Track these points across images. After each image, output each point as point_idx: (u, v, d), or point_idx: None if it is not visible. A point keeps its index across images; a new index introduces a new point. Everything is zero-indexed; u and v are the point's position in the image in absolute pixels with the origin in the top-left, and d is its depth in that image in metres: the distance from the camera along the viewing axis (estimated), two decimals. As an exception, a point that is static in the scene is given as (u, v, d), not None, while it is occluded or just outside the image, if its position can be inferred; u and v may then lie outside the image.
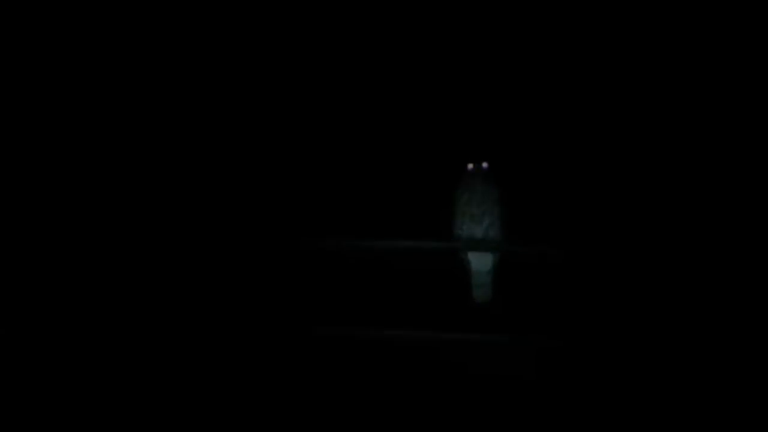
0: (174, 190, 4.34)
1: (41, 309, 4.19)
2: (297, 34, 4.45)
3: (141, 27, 4.41)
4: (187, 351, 4.14)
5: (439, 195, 4.17)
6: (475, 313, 4.19)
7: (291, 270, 4.27)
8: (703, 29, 4.33)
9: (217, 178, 4.38)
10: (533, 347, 4.18)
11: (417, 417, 4.16)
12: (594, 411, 4.09)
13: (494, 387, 4.21)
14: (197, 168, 4.38)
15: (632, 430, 4.03)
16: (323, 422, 4.14)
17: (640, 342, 4.11)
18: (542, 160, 4.35)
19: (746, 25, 4.30)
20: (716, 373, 4.02)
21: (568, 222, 4.26)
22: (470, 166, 4.13)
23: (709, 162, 4.28)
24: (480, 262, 4.17)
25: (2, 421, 4.00)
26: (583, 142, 4.35)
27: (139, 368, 4.13)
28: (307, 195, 4.39)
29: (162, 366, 4.13)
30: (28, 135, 4.34)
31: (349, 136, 4.43)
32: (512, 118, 4.37)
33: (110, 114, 4.38)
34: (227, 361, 4.15)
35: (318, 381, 4.17)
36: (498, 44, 4.42)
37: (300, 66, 4.45)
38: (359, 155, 4.41)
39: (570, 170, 4.34)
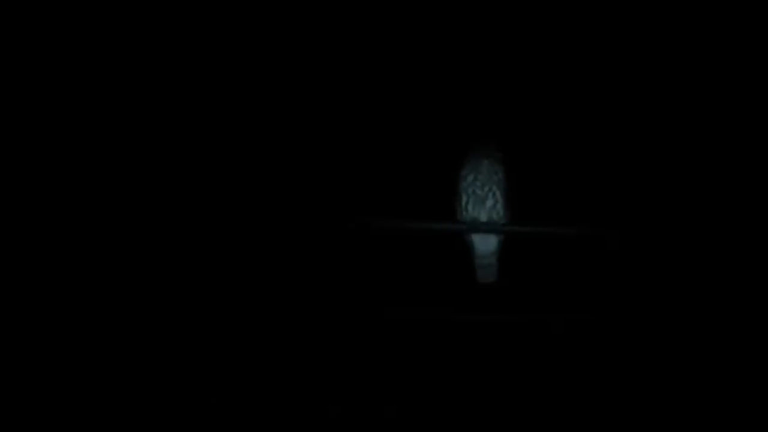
0: (177, 185, 4.31)
1: (41, 309, 4.19)
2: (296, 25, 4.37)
3: (141, 27, 4.32)
4: (192, 347, 4.15)
5: (444, 175, 4.12)
6: (479, 294, 4.18)
7: (294, 252, 4.26)
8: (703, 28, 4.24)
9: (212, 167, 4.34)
10: (540, 327, 4.19)
11: (426, 395, 4.21)
12: (599, 394, 4.13)
13: (499, 367, 4.24)
14: (200, 157, 4.33)
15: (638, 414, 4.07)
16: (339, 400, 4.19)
17: (648, 325, 4.12)
18: (546, 140, 4.29)
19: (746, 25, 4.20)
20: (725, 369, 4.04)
21: (573, 202, 4.23)
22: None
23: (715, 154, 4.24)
24: (484, 243, 4.14)
25: (2, 422, 4.03)
26: (586, 124, 4.29)
27: (139, 368, 4.15)
28: (311, 177, 4.35)
29: (162, 365, 4.15)
30: (28, 135, 4.29)
31: (352, 116, 4.37)
32: (516, 100, 4.31)
33: (111, 114, 4.32)
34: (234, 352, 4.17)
35: (330, 362, 4.21)
36: (501, 27, 4.33)
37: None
38: (363, 137, 4.36)
39: (574, 151, 4.29)
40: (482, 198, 4.03)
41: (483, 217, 4.03)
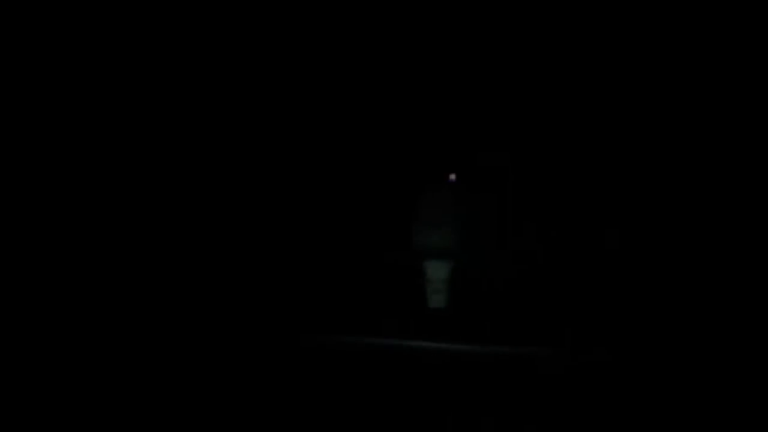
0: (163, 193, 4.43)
1: (41, 309, 4.27)
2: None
3: (141, 27, 4.48)
4: (190, 351, 4.21)
5: (399, 204, 4.23)
6: (430, 320, 4.27)
7: (252, 278, 4.35)
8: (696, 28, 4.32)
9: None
10: (489, 354, 4.23)
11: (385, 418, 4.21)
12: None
13: (453, 392, 4.26)
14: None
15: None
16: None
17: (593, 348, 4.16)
18: (501, 169, 4.37)
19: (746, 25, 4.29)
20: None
21: (525, 232, 4.31)
22: (452, 176, 4.19)
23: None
24: (436, 269, 4.25)
25: (2, 422, 4.02)
26: (541, 155, 4.37)
27: (139, 368, 4.18)
28: (263, 205, 4.45)
29: (162, 366, 4.19)
30: (28, 135, 4.43)
31: (310, 142, 4.48)
32: (475, 132, 4.41)
33: (114, 118, 4.47)
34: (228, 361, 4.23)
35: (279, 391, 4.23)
36: (459, 66, 4.45)
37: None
38: (320, 164, 4.48)
39: (528, 180, 4.37)
40: (437, 225, 4.16)
41: (436, 244, 4.16)
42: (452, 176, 4.22)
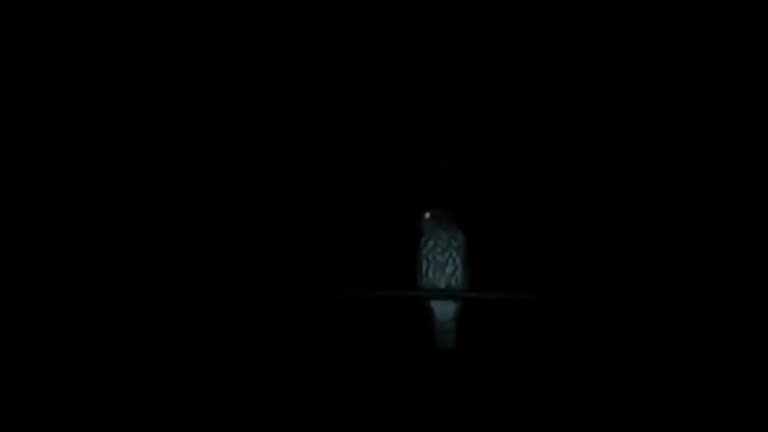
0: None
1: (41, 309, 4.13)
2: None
3: (141, 27, 4.30)
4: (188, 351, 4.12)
5: (402, 243, 4.10)
6: (440, 362, 4.15)
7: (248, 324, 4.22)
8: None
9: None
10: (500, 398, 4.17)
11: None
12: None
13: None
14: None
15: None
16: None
17: (620, 394, 4.11)
18: (505, 205, 4.29)
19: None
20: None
21: (534, 269, 4.22)
22: (427, 215, 4.06)
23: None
24: (444, 309, 4.12)
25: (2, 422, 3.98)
26: (541, 187, 4.29)
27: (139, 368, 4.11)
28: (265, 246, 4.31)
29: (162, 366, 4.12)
30: (28, 135, 4.25)
31: (307, 179, 4.35)
32: (473, 163, 4.30)
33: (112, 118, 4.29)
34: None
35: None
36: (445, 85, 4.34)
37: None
38: (317, 201, 4.33)
39: (533, 215, 4.29)
40: (442, 264, 4.02)
41: (443, 284, 4.02)
42: (427, 215, 4.08)
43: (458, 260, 4.02)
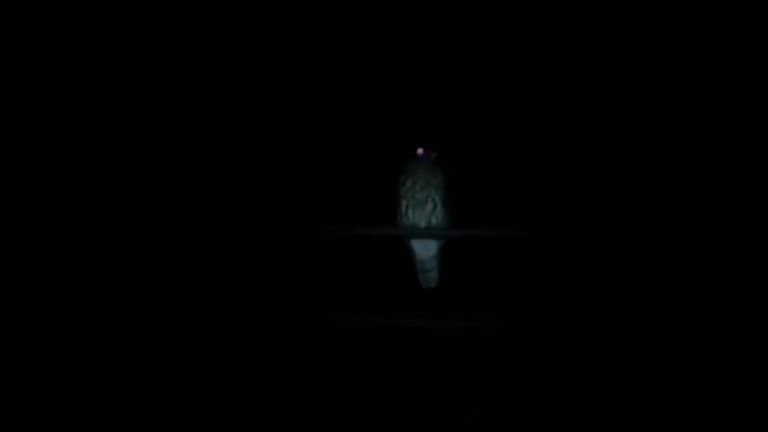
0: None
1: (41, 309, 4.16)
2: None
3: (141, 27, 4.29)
4: (188, 347, 4.14)
5: (382, 181, 4.08)
6: (421, 299, 4.16)
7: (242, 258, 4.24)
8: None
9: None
10: (484, 331, 4.18)
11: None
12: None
13: (448, 372, 4.23)
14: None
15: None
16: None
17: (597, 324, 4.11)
18: (484, 143, 4.26)
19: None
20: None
21: (512, 205, 4.20)
22: (420, 150, 4.02)
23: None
24: (424, 248, 4.11)
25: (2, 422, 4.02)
26: (523, 128, 4.25)
27: (138, 368, 4.13)
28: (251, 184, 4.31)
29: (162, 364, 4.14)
30: (28, 135, 4.26)
31: (290, 122, 4.33)
32: (454, 104, 4.26)
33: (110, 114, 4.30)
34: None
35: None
36: (443, 30, 4.28)
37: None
38: (298, 141, 4.32)
39: (512, 153, 4.26)
40: (421, 203, 4.00)
41: (423, 223, 4.00)
42: (420, 150, 4.04)
43: (437, 199, 4.01)
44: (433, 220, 4.01)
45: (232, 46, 4.34)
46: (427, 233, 4.03)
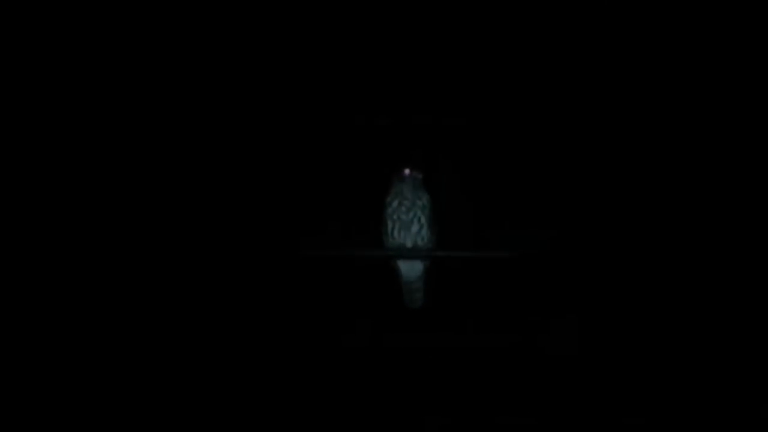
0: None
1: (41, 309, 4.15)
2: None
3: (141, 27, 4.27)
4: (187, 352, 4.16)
5: (368, 202, 4.09)
6: (407, 319, 4.17)
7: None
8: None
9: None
10: (468, 352, 4.20)
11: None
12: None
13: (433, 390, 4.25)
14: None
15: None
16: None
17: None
18: (472, 164, 4.28)
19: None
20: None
21: (500, 226, 4.22)
22: (406, 171, 4.04)
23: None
24: (410, 269, 4.12)
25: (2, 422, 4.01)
26: (512, 147, 4.28)
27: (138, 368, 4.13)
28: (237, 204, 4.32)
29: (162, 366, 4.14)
30: (28, 135, 4.24)
31: (279, 141, 4.34)
32: (441, 124, 4.28)
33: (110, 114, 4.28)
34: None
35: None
36: (426, 50, 4.30)
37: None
38: (287, 160, 4.32)
39: (501, 174, 4.28)
40: (407, 223, 4.01)
41: (409, 243, 4.01)
42: (406, 171, 4.05)
43: (423, 219, 4.02)
44: (419, 241, 4.02)
45: (214, 67, 4.34)
46: (412, 254, 4.04)
